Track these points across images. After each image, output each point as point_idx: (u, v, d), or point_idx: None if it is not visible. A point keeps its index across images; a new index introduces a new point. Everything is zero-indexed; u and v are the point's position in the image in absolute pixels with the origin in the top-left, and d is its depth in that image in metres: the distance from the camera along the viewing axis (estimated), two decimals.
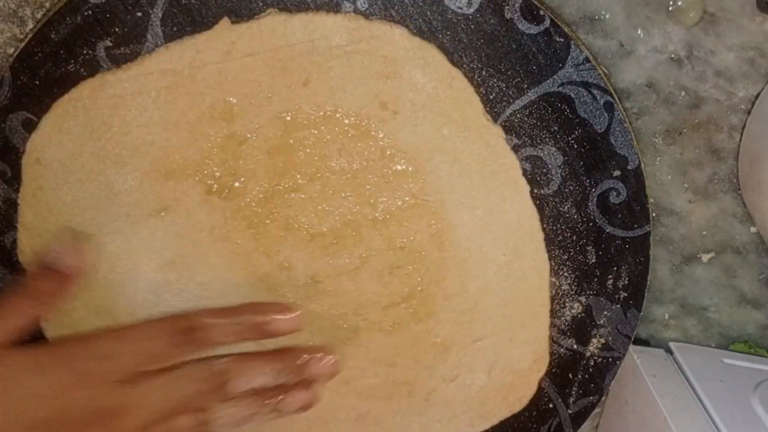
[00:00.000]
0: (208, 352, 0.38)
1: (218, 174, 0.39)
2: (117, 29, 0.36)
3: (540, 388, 0.44)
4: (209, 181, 0.39)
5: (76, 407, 0.35)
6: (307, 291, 0.41)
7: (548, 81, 0.38)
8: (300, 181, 0.39)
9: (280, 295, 0.41)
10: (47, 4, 0.39)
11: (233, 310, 0.39)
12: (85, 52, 0.37)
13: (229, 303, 0.40)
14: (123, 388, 0.36)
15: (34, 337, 0.41)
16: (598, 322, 0.43)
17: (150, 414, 0.36)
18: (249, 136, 0.38)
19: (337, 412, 0.43)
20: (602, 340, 0.43)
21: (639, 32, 0.41)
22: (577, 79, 0.38)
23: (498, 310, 0.42)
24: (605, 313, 0.43)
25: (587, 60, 0.38)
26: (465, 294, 0.41)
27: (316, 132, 0.38)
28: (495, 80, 0.38)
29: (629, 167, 0.40)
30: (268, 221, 0.39)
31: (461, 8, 0.37)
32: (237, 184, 0.39)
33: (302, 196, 0.39)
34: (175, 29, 0.37)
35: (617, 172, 0.40)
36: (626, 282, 0.42)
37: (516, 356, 0.43)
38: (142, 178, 0.38)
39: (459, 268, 0.41)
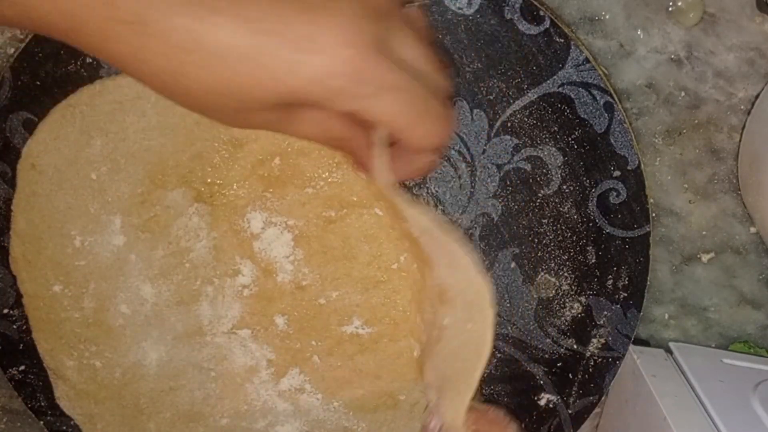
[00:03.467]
0: None
1: (209, 180, 0.39)
2: None
3: (540, 387, 0.44)
4: (201, 188, 0.39)
5: None
6: (293, 297, 0.41)
7: (548, 81, 0.38)
8: (294, 187, 0.39)
9: (267, 300, 0.41)
10: None
11: None
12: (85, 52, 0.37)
13: (218, 308, 0.40)
14: None
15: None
16: (598, 322, 0.43)
17: None
18: (246, 140, 0.38)
19: (325, 424, 0.43)
20: (602, 340, 0.43)
21: (639, 33, 0.41)
22: (577, 80, 0.38)
23: None
24: (605, 313, 0.43)
25: (587, 60, 0.38)
26: None
27: None
28: (495, 80, 0.39)
29: (629, 167, 0.40)
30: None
31: (461, 9, 0.37)
32: (231, 190, 0.39)
33: (291, 201, 0.39)
34: None
35: (617, 173, 0.40)
36: (626, 282, 0.42)
37: None
38: (135, 185, 0.38)
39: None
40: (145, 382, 0.41)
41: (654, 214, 0.45)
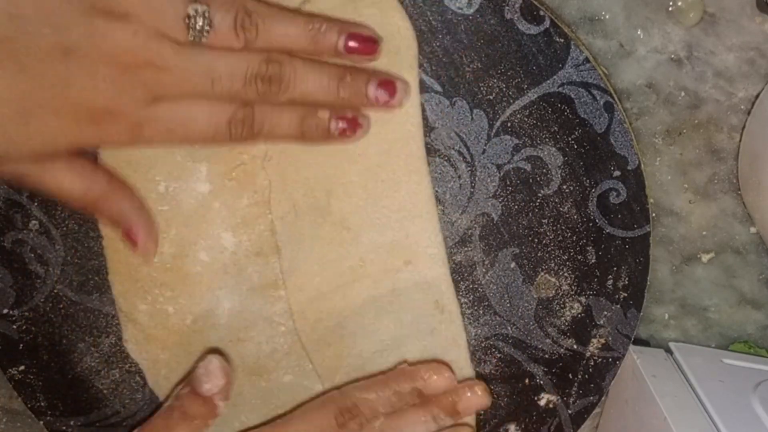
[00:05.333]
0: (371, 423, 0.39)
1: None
2: None
3: (540, 387, 0.44)
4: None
5: None
6: None
7: (548, 81, 0.39)
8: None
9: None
10: None
11: (386, 381, 0.39)
12: None
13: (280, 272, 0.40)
14: None
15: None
16: (598, 322, 0.43)
17: None
18: None
19: None
20: (602, 340, 0.43)
21: (639, 33, 0.41)
22: (577, 80, 0.38)
23: None
24: (605, 313, 0.43)
25: (587, 60, 0.38)
26: None
27: None
28: (495, 80, 0.39)
29: (629, 167, 0.40)
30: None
31: (461, 8, 0.37)
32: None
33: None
34: None
35: (617, 173, 0.40)
36: (626, 282, 0.42)
37: None
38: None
39: None
40: (215, 330, 0.41)
41: (654, 214, 0.45)
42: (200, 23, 0.31)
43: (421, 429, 0.39)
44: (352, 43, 0.34)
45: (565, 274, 0.42)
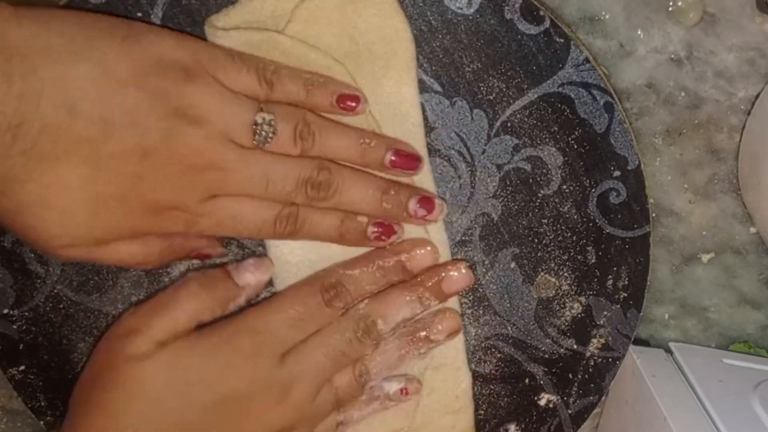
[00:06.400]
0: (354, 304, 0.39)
1: None
2: None
3: (540, 387, 0.44)
4: None
5: (244, 387, 0.36)
6: None
7: (548, 81, 0.39)
8: None
9: None
10: None
11: (369, 256, 0.39)
12: None
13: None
14: (284, 361, 0.36)
15: None
16: (598, 322, 0.43)
17: (314, 378, 0.37)
18: None
19: None
20: (602, 340, 0.43)
21: (639, 33, 0.41)
22: (577, 80, 0.38)
23: None
24: (605, 313, 0.43)
25: (587, 60, 0.38)
26: None
27: None
28: (495, 80, 0.39)
29: (629, 167, 0.40)
30: None
31: (461, 8, 0.37)
32: None
33: None
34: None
35: (617, 173, 0.40)
36: (626, 282, 0.42)
37: None
38: None
39: None
40: None
41: (654, 214, 0.45)
42: (265, 130, 0.34)
43: (407, 310, 0.39)
44: (397, 159, 0.37)
45: (565, 274, 0.42)
